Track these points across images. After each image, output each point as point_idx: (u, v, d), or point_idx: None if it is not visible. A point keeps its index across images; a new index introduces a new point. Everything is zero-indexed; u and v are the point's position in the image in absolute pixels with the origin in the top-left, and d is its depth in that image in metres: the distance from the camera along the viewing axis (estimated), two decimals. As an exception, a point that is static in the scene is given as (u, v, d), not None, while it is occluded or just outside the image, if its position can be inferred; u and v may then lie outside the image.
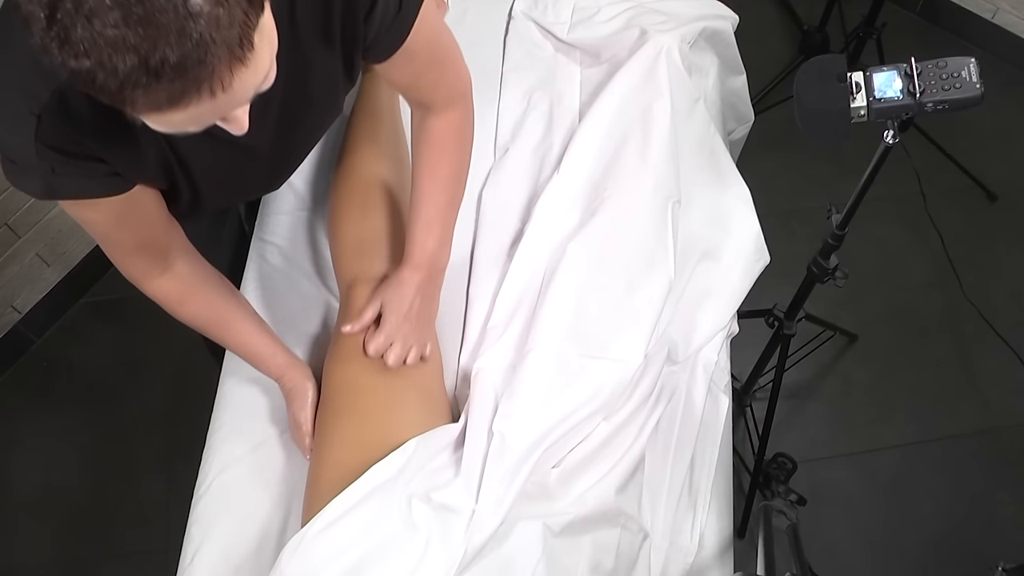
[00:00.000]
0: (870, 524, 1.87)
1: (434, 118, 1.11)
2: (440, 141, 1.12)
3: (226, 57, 0.60)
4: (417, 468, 1.02)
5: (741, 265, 1.30)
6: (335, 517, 0.97)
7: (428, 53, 1.03)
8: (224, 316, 1.14)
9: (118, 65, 0.56)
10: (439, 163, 1.13)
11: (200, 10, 0.56)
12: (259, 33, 0.62)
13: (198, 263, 1.11)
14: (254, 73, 0.64)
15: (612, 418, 1.13)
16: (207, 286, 1.12)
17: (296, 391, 1.16)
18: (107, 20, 0.55)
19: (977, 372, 2.04)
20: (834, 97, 1.09)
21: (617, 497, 1.10)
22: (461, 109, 1.12)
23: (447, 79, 1.09)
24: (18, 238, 1.98)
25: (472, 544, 0.96)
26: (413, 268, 1.14)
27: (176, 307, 1.10)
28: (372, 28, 0.92)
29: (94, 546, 1.91)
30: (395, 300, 1.13)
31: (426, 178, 1.14)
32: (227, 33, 0.58)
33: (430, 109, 1.10)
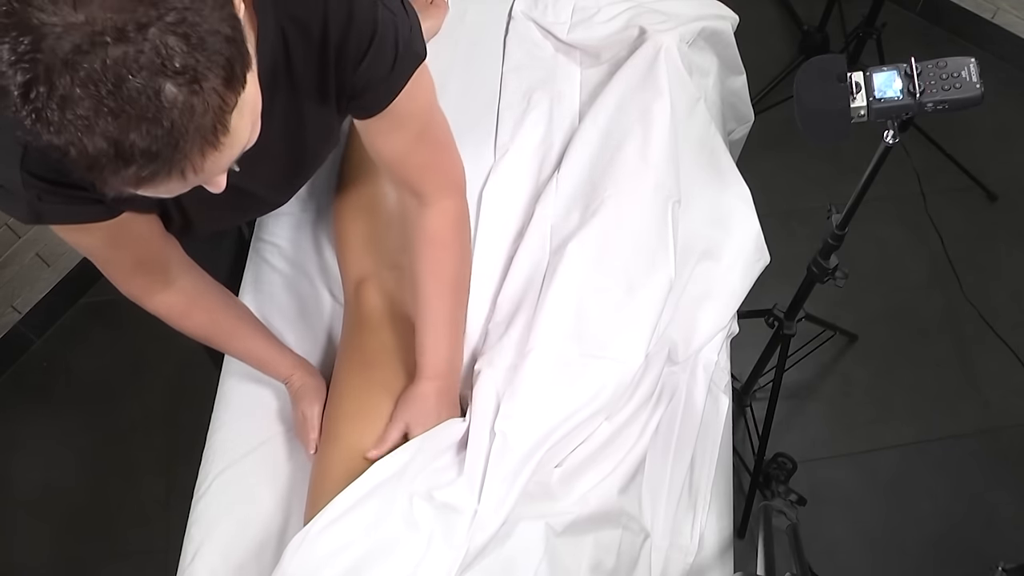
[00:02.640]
0: (870, 524, 1.87)
1: (429, 211, 1.07)
2: (439, 238, 1.09)
3: (199, 143, 0.59)
4: (420, 467, 1.02)
5: (741, 265, 1.30)
6: (337, 514, 0.97)
7: (419, 125, 1.01)
8: (227, 326, 1.14)
9: (88, 148, 0.56)
10: (441, 263, 1.10)
11: (174, 100, 0.56)
12: (237, 111, 0.62)
13: (198, 276, 1.10)
14: (229, 151, 0.64)
15: (614, 418, 1.13)
16: (208, 298, 1.12)
17: (306, 388, 1.16)
18: (79, 108, 0.54)
19: (977, 372, 2.04)
20: (834, 97, 1.09)
21: (619, 497, 1.10)
22: (455, 201, 1.10)
23: (439, 162, 1.07)
24: (18, 238, 1.98)
25: (474, 543, 0.96)
26: (430, 379, 1.10)
27: (179, 321, 1.10)
28: (361, 78, 0.90)
29: (94, 546, 1.91)
30: (419, 416, 1.08)
31: (430, 281, 1.10)
32: (200, 121, 0.58)
33: (423, 199, 1.07)
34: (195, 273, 1.10)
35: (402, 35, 0.89)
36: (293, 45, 0.85)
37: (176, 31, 0.55)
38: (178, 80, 0.56)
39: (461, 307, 1.15)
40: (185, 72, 0.56)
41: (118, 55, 0.53)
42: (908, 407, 2.00)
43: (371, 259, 1.22)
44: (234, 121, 0.61)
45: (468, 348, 1.22)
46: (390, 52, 0.89)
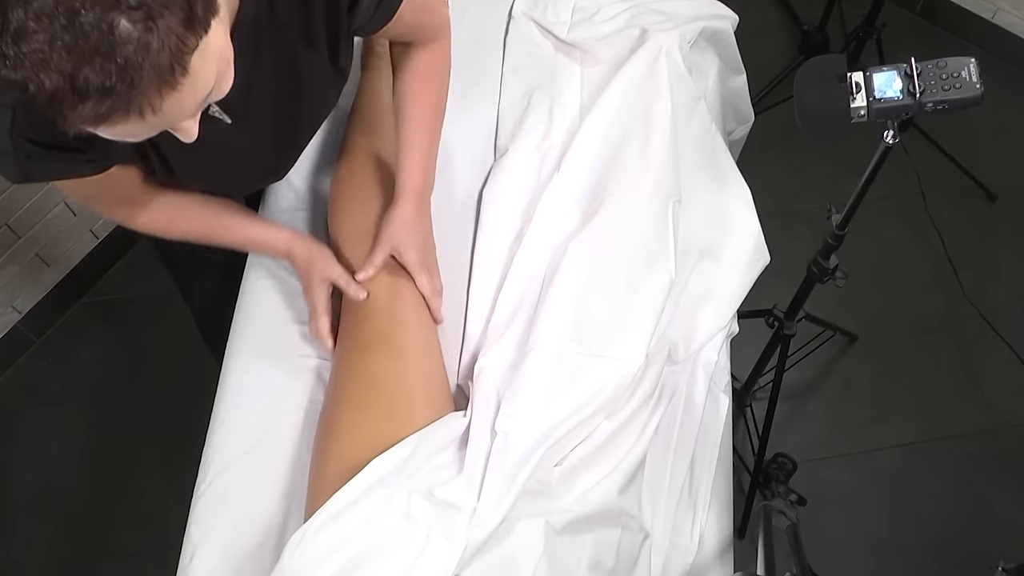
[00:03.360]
0: (870, 524, 1.87)
1: (417, 51, 1.13)
2: (425, 72, 1.15)
3: (155, 82, 0.59)
4: (419, 464, 1.02)
5: (741, 265, 1.30)
6: (336, 511, 0.97)
7: (411, 11, 1.04)
8: (211, 227, 1.16)
9: (44, 83, 0.56)
10: (425, 93, 1.15)
11: (128, 36, 0.56)
12: (200, 54, 0.62)
13: (173, 193, 1.12)
14: (191, 94, 0.64)
15: (614, 417, 1.13)
16: (186, 208, 1.14)
17: (311, 256, 1.17)
18: (33, 41, 0.55)
19: (977, 372, 2.04)
20: (834, 97, 1.09)
21: (619, 497, 1.10)
22: (442, 41, 1.15)
23: (428, 18, 1.11)
24: (18, 238, 1.98)
25: (473, 540, 0.96)
26: (411, 198, 1.15)
27: (164, 233, 1.14)
28: (356, 18, 0.93)
29: (94, 546, 1.91)
30: (407, 236, 1.14)
31: (414, 107, 1.15)
32: (156, 59, 0.58)
33: (413, 45, 1.13)
34: (171, 192, 1.11)
35: None
36: None
37: None
38: (132, 16, 0.56)
39: (437, 136, 1.20)
40: (140, 8, 0.56)
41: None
42: (908, 407, 2.00)
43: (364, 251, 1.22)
44: (195, 63, 0.61)
45: (468, 348, 1.22)
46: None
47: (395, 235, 1.15)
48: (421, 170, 1.16)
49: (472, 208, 1.34)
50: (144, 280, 2.20)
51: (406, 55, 1.14)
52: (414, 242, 1.15)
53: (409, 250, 1.15)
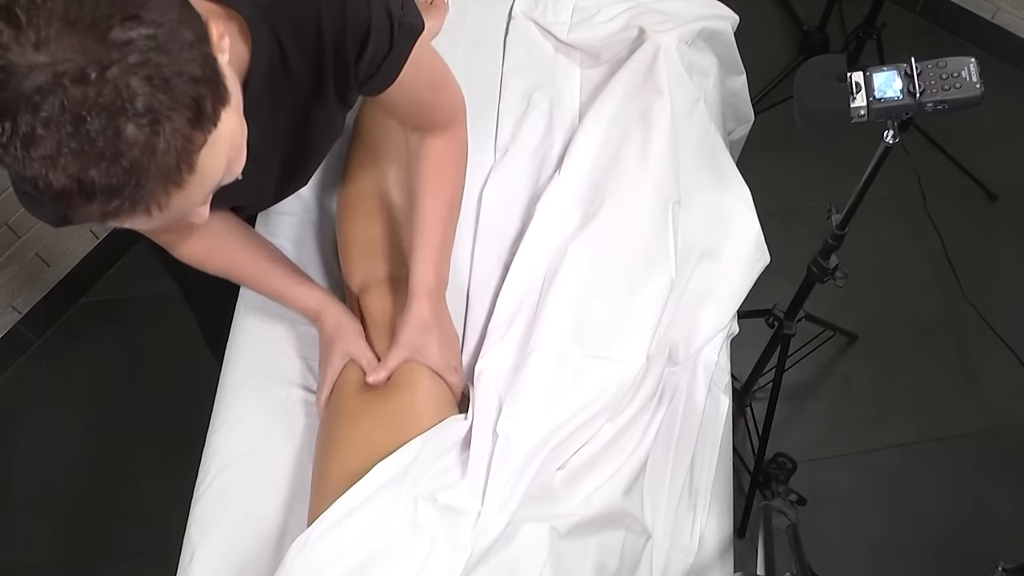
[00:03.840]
0: (870, 524, 1.87)
1: (433, 139, 1.11)
2: (442, 161, 1.12)
3: (161, 182, 0.60)
4: (423, 468, 1.02)
5: (741, 265, 1.30)
6: (340, 517, 0.96)
7: (425, 82, 1.03)
8: (248, 265, 1.16)
9: (52, 182, 0.57)
10: (442, 184, 1.13)
11: (135, 140, 0.56)
12: (209, 148, 0.62)
13: (216, 221, 1.11)
14: (198, 188, 0.64)
15: (616, 419, 1.13)
16: (225, 242, 1.14)
17: (340, 329, 1.14)
18: (41, 147, 0.55)
19: (977, 372, 2.04)
20: (834, 97, 1.09)
21: (623, 499, 1.10)
22: (458, 128, 1.13)
23: (444, 100, 1.09)
24: (18, 238, 1.98)
25: (478, 546, 0.96)
26: (425, 297, 1.12)
27: (201, 264, 1.14)
28: (363, 68, 0.92)
29: (94, 546, 1.91)
30: (426, 339, 1.11)
31: (429, 201, 1.12)
32: (162, 160, 0.58)
33: (428, 131, 1.10)
34: (212, 226, 1.11)
35: (395, 15, 0.90)
36: (289, 51, 0.86)
37: (138, 72, 0.56)
38: (139, 121, 0.56)
39: (452, 228, 1.17)
40: (147, 113, 0.56)
41: (77, 96, 0.54)
42: (908, 407, 2.00)
43: (375, 265, 1.22)
44: (203, 158, 0.62)
45: (468, 348, 1.22)
46: (386, 37, 0.90)
47: (413, 339, 1.11)
48: (435, 268, 1.13)
49: (472, 208, 1.34)
50: (144, 280, 2.20)
51: (422, 143, 1.11)
52: (436, 343, 1.11)
53: (431, 353, 1.11)
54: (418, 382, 1.11)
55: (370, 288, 1.19)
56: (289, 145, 1.01)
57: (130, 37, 0.56)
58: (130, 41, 0.56)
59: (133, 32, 0.56)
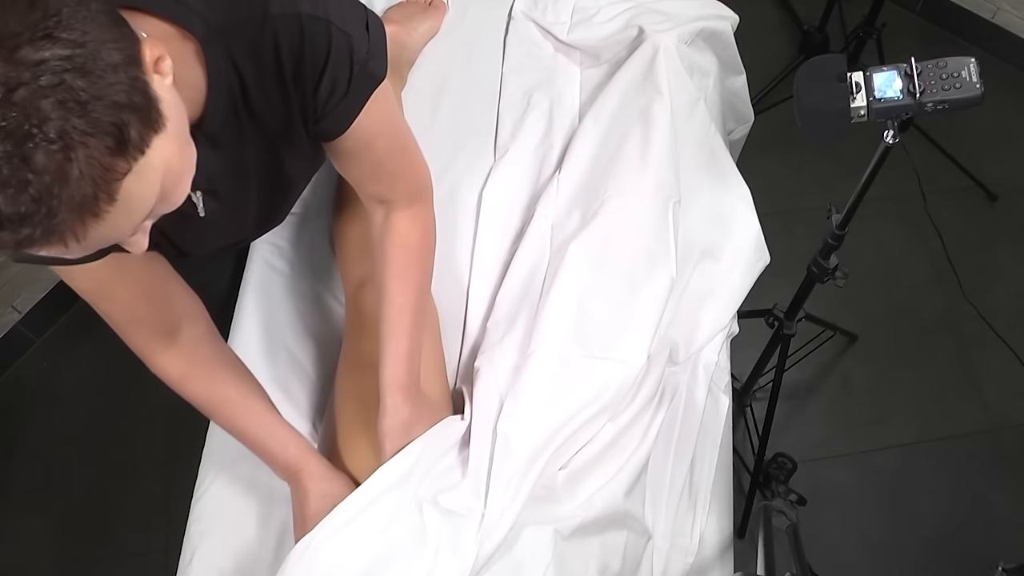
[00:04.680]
0: (870, 524, 1.87)
1: (398, 216, 1.05)
2: (408, 243, 1.06)
3: (76, 212, 0.56)
4: (424, 471, 1.01)
5: (741, 265, 1.30)
6: (343, 522, 0.96)
7: (387, 143, 0.98)
8: (225, 401, 1.07)
9: None
10: (410, 268, 1.07)
11: (44, 167, 0.53)
12: (136, 176, 0.58)
13: (204, 341, 1.07)
14: (124, 218, 0.60)
15: (617, 419, 1.13)
16: (209, 367, 1.07)
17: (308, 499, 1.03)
18: None
19: (977, 372, 2.04)
20: (834, 97, 1.09)
21: (625, 499, 1.10)
22: (423, 206, 1.08)
23: (407, 170, 1.05)
24: (18, 238, 1.98)
25: (483, 551, 0.96)
26: (400, 393, 1.04)
27: (178, 388, 1.07)
28: (320, 101, 0.87)
29: (94, 546, 1.91)
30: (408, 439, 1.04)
31: (397, 289, 1.05)
32: (76, 188, 0.55)
33: (392, 205, 1.05)
34: (201, 338, 1.06)
35: (357, 57, 0.85)
36: (248, 79, 0.82)
37: (50, 95, 0.53)
38: (50, 147, 0.53)
39: (423, 317, 1.10)
40: (59, 139, 0.53)
41: None
42: (908, 407, 2.00)
43: (369, 262, 1.22)
44: (129, 187, 0.58)
45: (468, 348, 1.22)
46: (344, 74, 0.86)
47: (397, 443, 1.03)
48: (407, 364, 1.05)
49: (472, 208, 1.34)
50: (144, 280, 2.20)
51: (387, 221, 1.05)
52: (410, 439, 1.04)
53: None
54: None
55: (366, 285, 1.19)
56: (264, 182, 0.97)
57: (42, 57, 0.53)
58: (42, 61, 0.53)
59: (46, 52, 0.53)
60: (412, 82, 1.48)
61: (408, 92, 1.46)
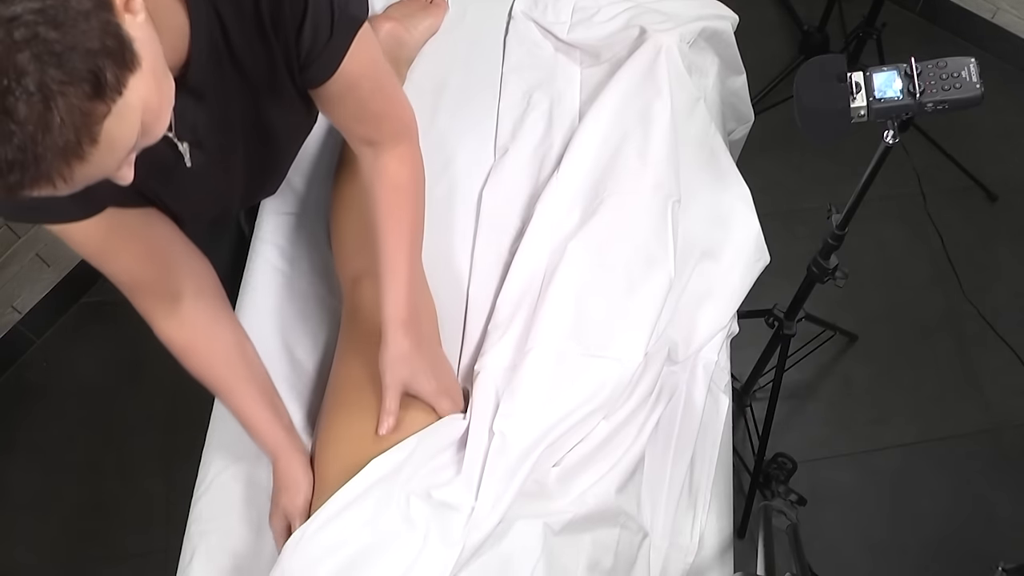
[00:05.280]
0: (870, 524, 1.87)
1: (386, 156, 1.07)
2: (399, 184, 1.08)
3: (61, 155, 0.58)
4: (417, 465, 1.02)
5: (741, 265, 1.30)
6: (335, 512, 0.97)
7: (371, 84, 1.00)
8: (221, 379, 1.11)
9: None
10: (401, 208, 1.09)
11: (26, 118, 0.55)
12: (115, 117, 0.60)
13: (208, 311, 1.09)
14: (108, 156, 0.62)
15: (612, 417, 1.13)
16: (210, 344, 1.10)
17: (288, 480, 1.09)
18: None
19: (977, 372, 2.04)
20: (834, 97, 1.09)
21: (617, 496, 1.10)
22: (410, 145, 1.10)
23: (392, 111, 1.06)
24: (18, 238, 1.98)
25: (471, 541, 0.96)
26: (401, 331, 1.08)
27: (180, 358, 1.10)
28: (303, 48, 0.89)
29: (93, 546, 1.91)
30: (412, 370, 1.08)
31: (391, 229, 1.09)
32: (59, 135, 0.57)
33: (380, 146, 1.07)
34: (206, 308, 1.08)
35: (338, 1, 0.87)
36: (229, 24, 0.84)
37: (25, 50, 0.54)
38: (31, 99, 0.55)
39: (418, 254, 1.13)
40: (39, 91, 0.55)
41: None
42: (908, 407, 2.00)
43: (367, 256, 1.22)
44: (109, 128, 0.60)
45: (468, 348, 1.22)
46: (326, 18, 0.88)
47: (398, 374, 1.07)
48: (406, 299, 1.09)
49: (472, 208, 1.34)
50: (144, 280, 2.20)
51: (376, 163, 1.08)
52: (422, 372, 1.08)
53: (420, 382, 1.08)
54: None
55: (362, 280, 1.19)
56: (251, 138, 0.98)
57: (14, 13, 0.54)
58: (15, 17, 0.54)
59: (17, 7, 0.54)
60: (412, 81, 1.48)
61: (408, 91, 1.45)
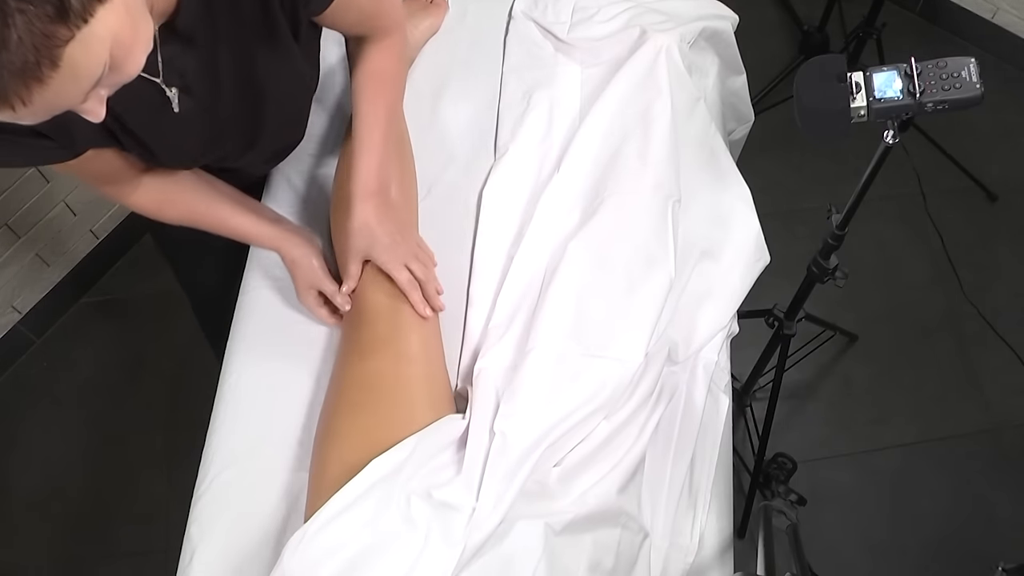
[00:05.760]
0: (870, 524, 1.87)
1: (372, 48, 1.13)
2: (378, 74, 1.14)
3: (19, 75, 0.58)
4: (418, 466, 1.02)
5: (741, 265, 1.30)
6: (336, 512, 0.97)
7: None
8: (201, 211, 1.17)
9: None
10: (379, 89, 1.15)
11: None
12: (80, 43, 0.60)
13: (165, 177, 1.13)
14: (70, 83, 0.62)
15: (613, 417, 1.13)
16: (177, 191, 1.15)
17: (295, 259, 1.18)
18: None
19: (977, 372, 2.04)
20: (834, 97, 1.09)
21: (618, 497, 1.10)
22: (396, 36, 1.14)
23: (383, 9, 1.11)
24: (18, 238, 1.99)
25: (472, 541, 0.96)
26: (366, 200, 1.13)
27: (157, 216, 1.15)
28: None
29: (93, 546, 1.91)
30: (371, 240, 1.13)
31: (367, 112, 1.14)
32: (16, 53, 0.57)
33: (368, 40, 1.12)
34: (161, 175, 1.12)
35: None
36: None
37: None
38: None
39: (392, 132, 1.18)
40: None
41: None
42: (908, 407, 2.00)
43: None
44: (72, 54, 0.60)
45: (468, 348, 1.22)
46: None
47: (358, 243, 1.14)
48: (376, 172, 1.14)
49: (472, 208, 1.34)
50: (144, 280, 2.20)
51: (359, 51, 1.14)
52: (380, 244, 1.13)
53: (376, 252, 1.13)
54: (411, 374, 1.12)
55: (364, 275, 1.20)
56: (243, 85, 1.00)
57: None
58: None
59: None
60: (412, 81, 1.48)
61: (408, 91, 1.46)
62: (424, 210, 1.32)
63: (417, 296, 1.15)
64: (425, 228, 1.30)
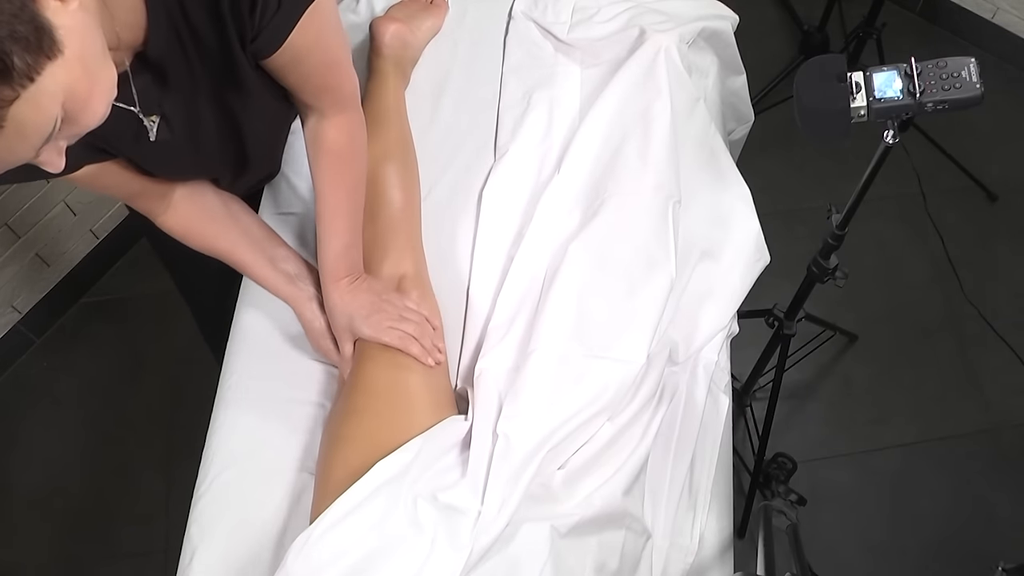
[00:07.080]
0: (870, 524, 1.87)
1: (326, 125, 1.11)
2: (337, 150, 1.13)
3: None
4: (423, 468, 1.02)
5: (741, 265, 1.30)
6: (340, 516, 0.97)
7: (319, 59, 1.01)
8: (226, 251, 1.20)
9: None
10: (338, 172, 1.14)
11: None
12: (27, 102, 0.60)
13: (198, 197, 1.17)
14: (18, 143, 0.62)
15: (616, 419, 1.13)
16: (207, 221, 1.18)
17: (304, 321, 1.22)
18: None
19: (977, 372, 2.04)
20: (834, 97, 1.09)
21: (623, 499, 1.10)
22: (350, 114, 1.13)
23: (336, 83, 1.08)
24: (18, 238, 1.99)
25: (479, 545, 0.96)
26: (334, 281, 1.16)
27: (183, 240, 1.18)
28: (255, 21, 0.89)
29: (93, 546, 1.91)
30: (349, 321, 1.15)
31: (327, 189, 1.15)
32: None
33: (321, 113, 1.10)
34: (195, 196, 1.16)
35: None
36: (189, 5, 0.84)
37: None
38: None
39: (358, 215, 1.19)
40: None
41: None
42: (908, 407, 2.00)
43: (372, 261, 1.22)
44: (19, 112, 0.60)
45: (469, 348, 1.22)
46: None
47: (339, 324, 1.16)
48: (343, 256, 1.16)
49: (472, 208, 1.34)
50: (144, 280, 2.20)
51: (317, 132, 1.11)
52: (358, 318, 1.15)
53: (357, 328, 1.15)
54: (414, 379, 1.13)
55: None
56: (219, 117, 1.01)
57: None
58: None
59: None
60: (412, 81, 1.48)
61: (408, 91, 1.46)
62: (425, 210, 1.32)
63: (416, 349, 1.14)
64: (426, 228, 1.30)
